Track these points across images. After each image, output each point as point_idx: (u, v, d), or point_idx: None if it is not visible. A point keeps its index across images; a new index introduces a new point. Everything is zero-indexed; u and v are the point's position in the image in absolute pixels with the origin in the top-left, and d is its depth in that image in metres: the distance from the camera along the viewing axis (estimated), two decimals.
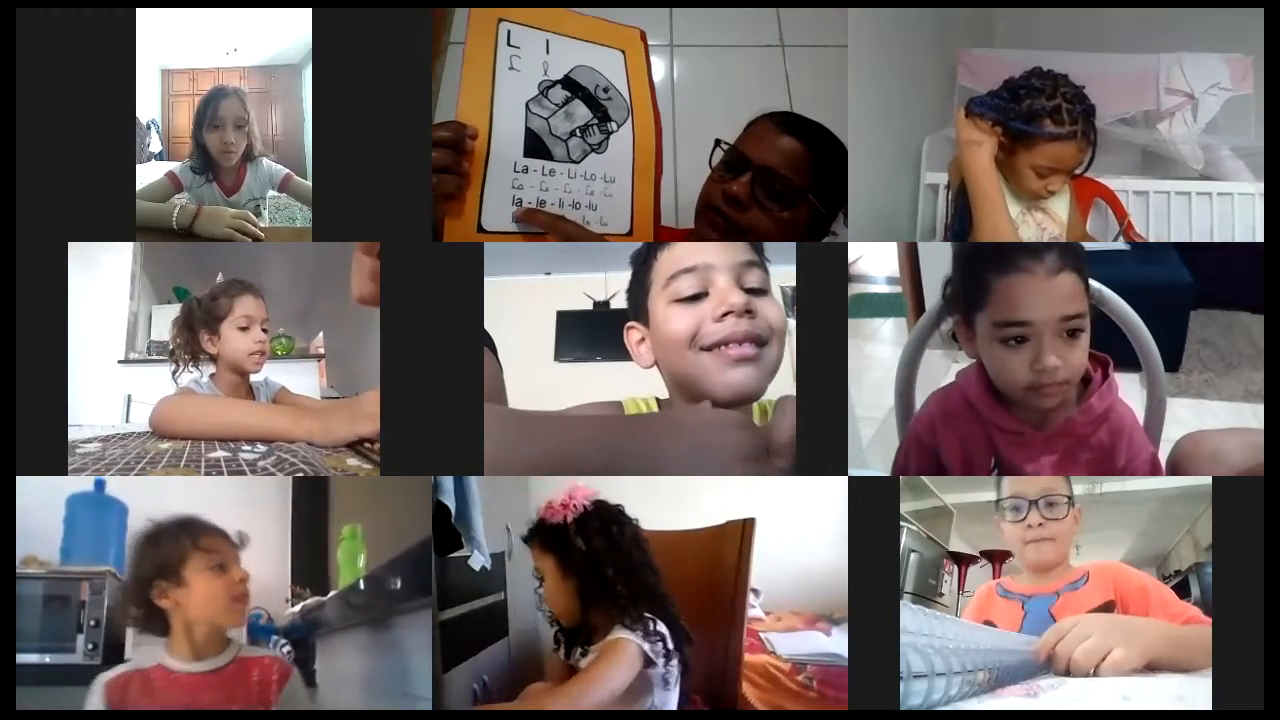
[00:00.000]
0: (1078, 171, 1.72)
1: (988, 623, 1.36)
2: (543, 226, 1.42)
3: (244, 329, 1.69)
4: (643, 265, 1.25)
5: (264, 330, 1.71)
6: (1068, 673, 1.07)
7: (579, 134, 1.48)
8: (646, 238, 1.52)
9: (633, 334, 1.26)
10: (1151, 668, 1.07)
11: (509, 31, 1.46)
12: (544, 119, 1.46)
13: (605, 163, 1.49)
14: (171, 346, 1.74)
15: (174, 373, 1.71)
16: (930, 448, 1.33)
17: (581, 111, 1.49)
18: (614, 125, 1.51)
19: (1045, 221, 1.74)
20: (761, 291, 1.19)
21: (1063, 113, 1.63)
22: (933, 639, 0.99)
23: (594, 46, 1.52)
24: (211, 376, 1.70)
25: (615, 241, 1.50)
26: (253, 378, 1.73)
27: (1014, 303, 1.16)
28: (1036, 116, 1.63)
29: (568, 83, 1.49)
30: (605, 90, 1.51)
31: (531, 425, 1.12)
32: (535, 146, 1.45)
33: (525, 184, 1.43)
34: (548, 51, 1.49)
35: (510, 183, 1.42)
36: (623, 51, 1.55)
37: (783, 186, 1.44)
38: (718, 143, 1.50)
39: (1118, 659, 1.05)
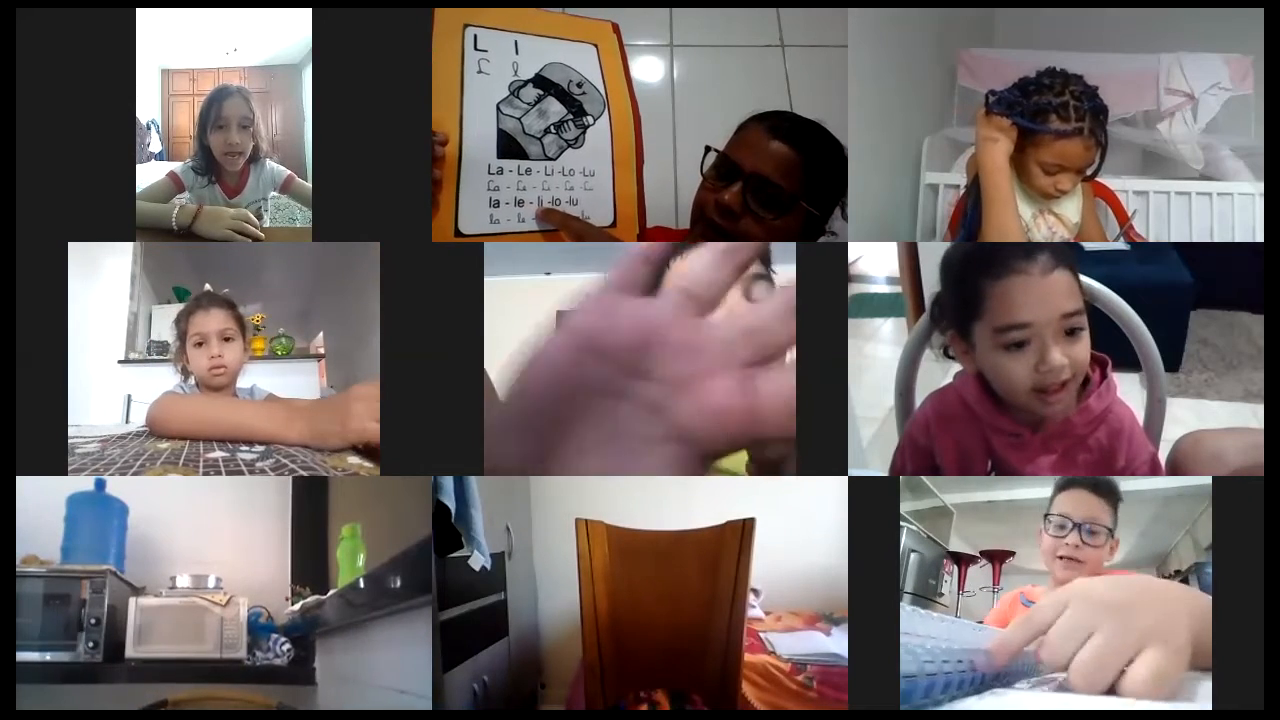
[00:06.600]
0: (1089, 172, 1.72)
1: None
2: (555, 225, 1.42)
3: (199, 345, 1.69)
4: None
5: (227, 340, 1.70)
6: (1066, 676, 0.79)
7: (554, 131, 1.48)
8: (630, 229, 1.52)
9: None
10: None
11: (475, 36, 1.45)
12: (516, 119, 1.46)
13: (583, 157, 1.49)
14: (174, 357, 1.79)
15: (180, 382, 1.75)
16: (926, 449, 1.32)
17: (555, 108, 1.49)
18: (590, 119, 1.50)
19: (1056, 225, 1.74)
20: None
21: (1069, 109, 1.63)
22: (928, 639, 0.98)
23: (565, 43, 1.52)
24: (197, 383, 1.72)
25: (623, 241, 1.50)
26: (239, 385, 1.73)
27: (1012, 306, 1.16)
28: (1043, 112, 1.63)
29: (539, 81, 1.49)
30: (579, 85, 1.51)
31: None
32: (509, 147, 1.45)
33: (501, 185, 1.43)
34: (517, 51, 1.48)
35: (486, 185, 1.42)
36: (595, 45, 1.54)
37: (775, 194, 1.43)
38: (708, 149, 1.49)
39: (1152, 668, 0.73)
